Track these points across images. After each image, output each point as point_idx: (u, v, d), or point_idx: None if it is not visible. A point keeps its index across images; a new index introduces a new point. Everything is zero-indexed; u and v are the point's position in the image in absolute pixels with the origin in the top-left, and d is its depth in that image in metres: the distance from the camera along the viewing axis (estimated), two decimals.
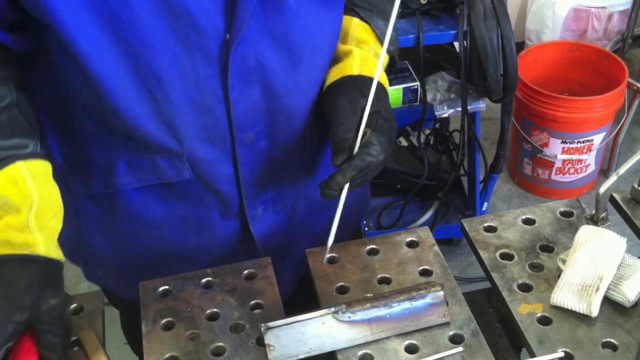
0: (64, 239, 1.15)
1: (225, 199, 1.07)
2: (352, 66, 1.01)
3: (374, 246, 1.07)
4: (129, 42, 0.85)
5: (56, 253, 0.91)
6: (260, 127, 1.00)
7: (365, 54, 1.03)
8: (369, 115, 0.95)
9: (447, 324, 0.94)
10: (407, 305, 0.92)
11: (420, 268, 1.03)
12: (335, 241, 1.10)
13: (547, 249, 1.05)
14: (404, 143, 2.60)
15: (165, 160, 0.99)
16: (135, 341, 1.42)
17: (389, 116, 0.99)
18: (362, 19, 1.06)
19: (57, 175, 1.03)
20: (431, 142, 2.64)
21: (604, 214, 1.08)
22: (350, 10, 1.06)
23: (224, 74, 0.92)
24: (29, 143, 0.91)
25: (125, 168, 1.01)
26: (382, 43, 1.03)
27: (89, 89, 0.90)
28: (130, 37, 0.85)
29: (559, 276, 0.98)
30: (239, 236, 1.13)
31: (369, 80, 0.96)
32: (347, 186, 0.96)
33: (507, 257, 1.04)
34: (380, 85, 0.99)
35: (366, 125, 0.96)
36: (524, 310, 0.96)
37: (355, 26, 1.05)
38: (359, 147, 0.95)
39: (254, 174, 1.05)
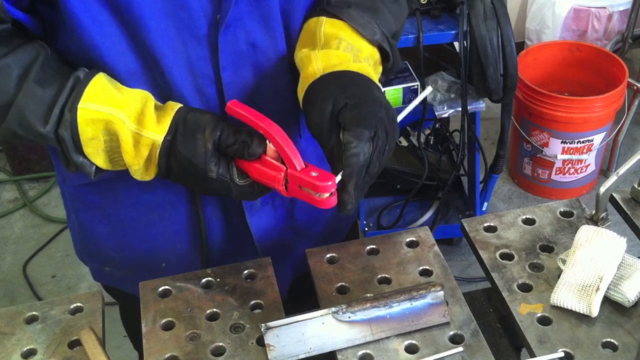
0: (74, 237, 1.21)
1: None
2: (314, 71, 0.93)
3: (374, 246, 1.07)
4: (127, 21, 0.88)
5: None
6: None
7: (326, 52, 0.95)
8: (338, 113, 0.88)
9: (447, 324, 0.94)
10: (407, 305, 0.92)
11: (420, 268, 1.03)
12: (330, 241, 1.10)
13: (547, 249, 1.05)
14: (404, 143, 2.60)
15: None
16: (135, 334, 1.42)
17: (359, 101, 0.89)
18: (329, 14, 0.97)
19: (57, 169, 1.09)
20: (431, 142, 2.63)
21: (604, 214, 1.08)
22: (320, 11, 0.99)
23: (214, 56, 0.94)
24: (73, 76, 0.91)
25: None
26: (360, 33, 0.96)
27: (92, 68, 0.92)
28: (128, 16, 0.88)
29: (559, 276, 0.98)
30: (236, 230, 1.13)
31: (336, 75, 0.90)
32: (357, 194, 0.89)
33: (507, 257, 1.04)
34: (344, 74, 0.92)
35: (338, 125, 0.88)
36: (524, 310, 0.96)
37: (321, 25, 0.97)
38: (343, 153, 0.88)
39: None
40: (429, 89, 1.08)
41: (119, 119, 0.88)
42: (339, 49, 0.95)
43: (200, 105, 0.98)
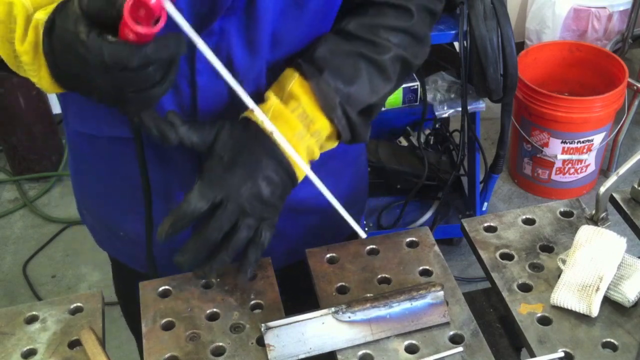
0: (70, 169, 1.25)
1: (189, 174, 1.04)
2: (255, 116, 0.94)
3: (374, 246, 1.07)
4: None
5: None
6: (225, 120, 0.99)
7: (280, 110, 0.95)
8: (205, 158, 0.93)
9: (447, 324, 0.94)
10: (407, 305, 0.92)
11: (420, 268, 1.03)
12: (330, 241, 1.09)
13: (547, 249, 1.05)
14: (404, 143, 2.60)
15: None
16: (123, 301, 1.45)
17: (228, 165, 0.92)
18: (302, 74, 0.96)
19: (64, 112, 1.12)
20: (431, 142, 2.64)
21: (604, 214, 1.08)
22: (299, 64, 0.98)
23: (192, 58, 0.94)
24: None
25: (107, 116, 1.02)
26: (320, 104, 0.96)
27: None
28: None
29: (559, 276, 0.98)
30: None
31: (250, 132, 0.93)
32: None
33: (507, 257, 1.04)
34: (255, 137, 0.93)
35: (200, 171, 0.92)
36: (524, 310, 0.96)
37: (292, 80, 0.97)
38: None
39: None
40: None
41: (23, 4, 0.85)
42: (294, 113, 0.95)
43: (173, 100, 0.98)
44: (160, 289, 1.02)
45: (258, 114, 0.86)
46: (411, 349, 0.91)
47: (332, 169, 1.16)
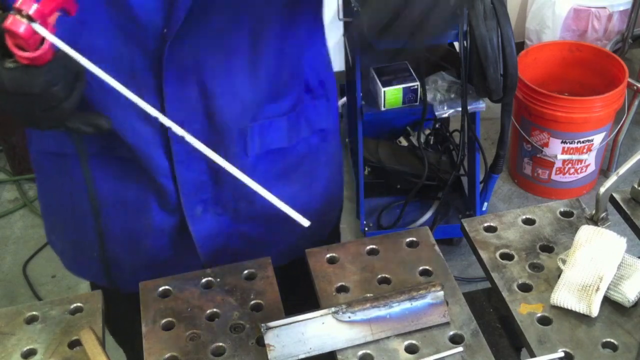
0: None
1: (162, 191, 1.05)
2: None
3: (374, 246, 1.07)
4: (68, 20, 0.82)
5: None
6: (196, 126, 0.98)
7: None
8: None
9: (447, 324, 0.94)
10: (407, 305, 0.93)
11: (420, 268, 1.03)
12: (319, 240, 1.09)
13: (547, 249, 1.05)
14: (404, 143, 2.60)
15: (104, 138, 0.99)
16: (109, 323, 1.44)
17: None
18: None
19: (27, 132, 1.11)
20: (431, 142, 2.64)
21: (604, 214, 1.08)
22: None
23: (158, 68, 0.93)
24: None
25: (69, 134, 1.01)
26: None
27: None
28: (72, 19, 0.82)
29: (559, 276, 0.98)
30: (177, 233, 1.11)
31: None
32: None
33: (507, 257, 1.04)
34: None
35: None
36: (524, 310, 0.96)
37: None
38: None
39: (190, 171, 1.03)
40: None
41: None
42: None
43: (141, 116, 0.96)
44: (160, 289, 1.02)
45: (164, 120, 0.81)
46: (411, 349, 0.91)
47: (306, 170, 1.16)
